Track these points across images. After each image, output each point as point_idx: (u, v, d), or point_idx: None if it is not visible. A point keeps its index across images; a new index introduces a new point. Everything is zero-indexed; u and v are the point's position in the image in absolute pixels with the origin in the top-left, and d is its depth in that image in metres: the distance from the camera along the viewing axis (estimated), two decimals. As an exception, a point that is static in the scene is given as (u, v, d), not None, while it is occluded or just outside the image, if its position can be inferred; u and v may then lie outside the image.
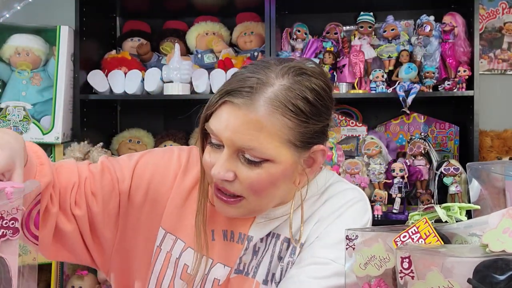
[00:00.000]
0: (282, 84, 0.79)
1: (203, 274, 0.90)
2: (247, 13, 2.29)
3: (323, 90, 0.82)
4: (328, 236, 0.86)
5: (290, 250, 0.88)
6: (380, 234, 0.74)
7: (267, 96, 0.78)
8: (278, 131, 0.78)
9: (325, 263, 0.83)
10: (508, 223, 0.61)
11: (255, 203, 0.84)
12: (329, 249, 0.85)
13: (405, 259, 0.65)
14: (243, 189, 0.81)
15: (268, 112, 0.77)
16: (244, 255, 0.90)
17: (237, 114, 0.78)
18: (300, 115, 0.79)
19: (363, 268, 0.74)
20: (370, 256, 0.73)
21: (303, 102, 0.79)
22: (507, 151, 2.10)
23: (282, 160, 0.80)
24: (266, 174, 0.80)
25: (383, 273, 0.73)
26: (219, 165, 0.80)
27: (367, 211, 0.91)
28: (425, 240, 0.69)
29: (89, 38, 2.19)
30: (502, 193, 0.83)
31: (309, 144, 0.83)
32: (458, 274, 0.60)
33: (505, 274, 0.56)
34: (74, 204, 0.88)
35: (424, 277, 0.62)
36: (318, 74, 0.83)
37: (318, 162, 0.86)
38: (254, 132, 0.77)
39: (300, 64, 0.83)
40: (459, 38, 2.00)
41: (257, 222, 0.90)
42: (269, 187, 0.82)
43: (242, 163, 0.80)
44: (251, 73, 0.80)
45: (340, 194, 0.92)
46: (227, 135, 0.79)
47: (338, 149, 2.09)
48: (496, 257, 0.58)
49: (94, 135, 2.18)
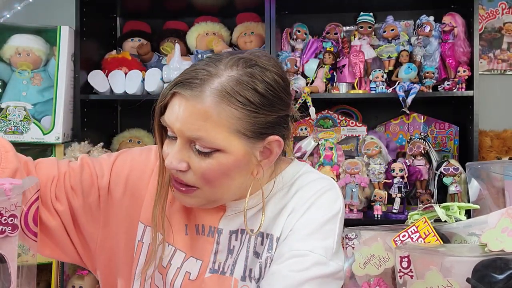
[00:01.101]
0: (230, 75, 0.80)
1: (175, 267, 0.92)
2: (247, 13, 2.29)
3: (274, 81, 0.83)
4: (302, 227, 0.87)
5: (267, 246, 0.89)
6: (380, 233, 0.75)
7: (214, 87, 0.79)
8: (225, 121, 0.79)
9: (303, 255, 0.83)
10: (507, 223, 0.61)
11: (209, 193, 0.85)
12: (305, 240, 0.85)
13: (404, 258, 0.65)
14: (196, 179, 0.83)
15: (214, 102, 0.78)
16: (219, 253, 0.91)
17: (185, 105, 0.79)
18: (249, 106, 0.80)
19: (363, 268, 0.75)
20: (370, 256, 0.74)
21: (251, 92, 0.80)
22: (507, 151, 2.10)
23: (232, 150, 0.81)
24: (218, 164, 0.81)
25: (382, 272, 0.73)
26: (171, 155, 0.82)
27: (337, 199, 0.91)
28: (424, 239, 0.70)
29: (90, 38, 2.19)
30: (502, 193, 0.83)
31: (262, 135, 0.83)
32: (457, 273, 0.60)
33: (504, 273, 0.56)
34: (55, 199, 0.90)
35: (423, 277, 0.63)
36: (271, 66, 0.84)
37: (275, 153, 0.87)
38: (201, 122, 0.79)
39: (251, 56, 0.84)
40: (458, 38, 2.01)
41: (226, 215, 0.92)
42: (221, 177, 0.83)
43: (194, 154, 0.81)
44: (201, 66, 0.82)
45: (310, 184, 0.92)
46: (178, 126, 0.80)
47: (338, 149, 2.09)
48: (495, 257, 0.58)
49: (95, 135, 2.18)
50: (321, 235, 0.85)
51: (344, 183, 1.99)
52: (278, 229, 0.89)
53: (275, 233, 0.89)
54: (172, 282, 0.92)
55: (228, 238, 0.92)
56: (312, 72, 2.07)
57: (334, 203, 0.90)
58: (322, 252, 0.83)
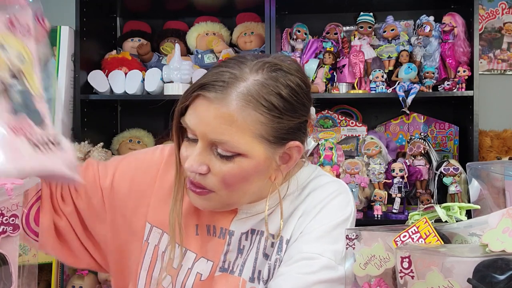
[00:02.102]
0: (255, 80, 0.79)
1: (186, 268, 0.91)
2: (247, 13, 2.29)
3: (298, 86, 0.82)
4: (313, 230, 0.86)
5: (276, 248, 0.88)
6: (380, 233, 0.75)
7: (240, 91, 0.77)
8: (250, 126, 0.78)
9: (312, 258, 0.83)
10: (507, 223, 0.61)
11: (226, 197, 0.84)
12: (314, 243, 0.84)
13: (405, 258, 0.65)
14: (216, 183, 0.82)
15: (239, 106, 0.77)
16: (229, 253, 0.91)
17: (209, 108, 0.78)
18: (273, 111, 0.79)
19: (363, 268, 0.74)
20: (370, 256, 0.74)
21: (276, 97, 0.79)
22: (507, 151, 2.10)
23: (254, 155, 0.80)
24: (239, 169, 0.80)
25: (383, 273, 0.73)
26: (192, 158, 0.81)
27: (349, 203, 0.91)
28: (425, 240, 0.70)
29: (90, 38, 2.19)
30: (502, 193, 0.83)
31: (283, 140, 0.82)
32: (458, 274, 0.60)
33: (505, 274, 0.56)
34: (62, 201, 0.90)
35: (424, 277, 0.63)
36: (294, 71, 0.83)
37: (294, 158, 0.86)
38: (226, 126, 0.77)
39: (275, 60, 0.83)
40: (458, 38, 2.01)
41: (238, 217, 0.91)
42: (241, 182, 0.82)
43: (215, 157, 0.80)
44: (226, 67, 0.80)
45: (322, 188, 0.91)
46: (200, 129, 0.79)
47: (338, 149, 2.09)
48: (496, 257, 0.58)
49: (95, 135, 2.18)
50: (331, 239, 0.85)
51: (344, 183, 1.99)
52: (288, 231, 0.88)
53: (285, 235, 0.88)
54: (184, 283, 0.91)
55: (239, 238, 0.91)
56: (312, 72, 2.07)
57: (345, 207, 0.90)
58: (331, 256, 0.83)
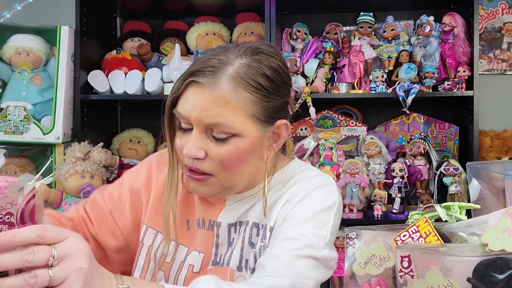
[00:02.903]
0: (241, 63, 0.84)
1: (179, 261, 0.95)
2: (247, 13, 2.29)
3: (280, 67, 0.88)
4: (296, 215, 0.88)
5: (261, 235, 0.91)
6: (380, 233, 0.75)
7: (229, 74, 0.82)
8: (242, 105, 0.83)
9: (295, 238, 0.84)
10: (507, 222, 0.61)
11: (225, 180, 0.87)
12: (298, 227, 0.86)
13: (405, 258, 0.65)
14: (214, 166, 0.85)
15: (231, 87, 0.82)
16: (220, 246, 0.94)
17: (202, 94, 0.82)
18: (261, 90, 0.84)
19: (363, 267, 0.75)
20: (370, 255, 0.74)
21: (263, 78, 0.84)
22: (507, 151, 2.10)
23: (248, 134, 0.84)
24: (235, 149, 0.84)
25: (383, 272, 0.73)
26: (189, 144, 0.84)
27: (333, 194, 0.93)
28: (425, 239, 0.70)
29: (90, 38, 2.19)
30: (502, 193, 0.83)
31: (272, 119, 0.87)
32: (457, 273, 0.60)
33: (504, 273, 0.56)
34: None
35: (423, 276, 0.63)
36: (274, 54, 0.89)
37: (283, 136, 0.91)
38: (220, 109, 0.82)
39: (256, 44, 0.89)
40: (458, 38, 2.01)
41: (225, 209, 0.95)
42: (238, 162, 0.85)
43: (211, 141, 0.84)
44: (212, 55, 0.85)
45: (308, 179, 0.94)
46: (195, 115, 0.83)
47: (338, 149, 2.09)
48: (496, 256, 0.58)
49: (95, 135, 2.18)
50: (315, 223, 0.87)
51: (344, 183, 1.99)
52: (272, 219, 0.91)
53: (268, 223, 0.91)
54: (176, 276, 0.94)
55: (227, 230, 0.94)
56: (312, 72, 2.07)
57: (329, 196, 0.92)
58: (313, 238, 0.85)
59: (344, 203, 2.01)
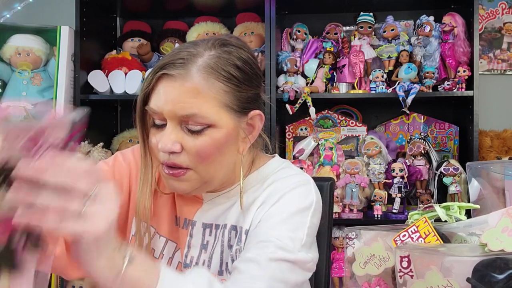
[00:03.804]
0: (211, 54, 0.85)
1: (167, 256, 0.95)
2: (247, 13, 2.29)
3: (249, 58, 0.89)
4: (270, 217, 0.87)
5: (237, 238, 0.90)
6: (380, 233, 0.75)
7: (199, 64, 0.83)
8: (215, 95, 0.83)
9: (269, 241, 0.83)
10: (507, 223, 0.61)
11: (203, 173, 0.86)
12: (272, 229, 0.85)
13: (404, 258, 0.65)
14: (191, 159, 0.84)
15: (202, 78, 0.82)
16: (192, 248, 0.93)
17: (174, 86, 0.82)
18: (232, 80, 0.85)
19: (363, 267, 0.75)
20: (370, 255, 0.74)
21: (233, 68, 0.85)
22: (507, 151, 2.10)
23: (223, 124, 0.84)
24: (211, 140, 0.83)
25: (382, 272, 0.73)
26: (164, 138, 0.83)
27: (310, 194, 0.91)
28: (424, 239, 0.70)
29: (90, 38, 2.19)
30: (502, 193, 0.83)
31: (245, 109, 0.87)
32: (457, 273, 0.60)
33: (504, 273, 0.56)
34: None
35: (423, 276, 0.63)
36: (242, 46, 0.90)
37: (257, 127, 0.91)
38: (193, 100, 0.82)
39: (223, 37, 0.90)
40: (458, 38, 2.01)
41: (202, 209, 0.95)
42: (215, 153, 0.85)
43: (186, 134, 0.83)
44: (181, 49, 0.86)
45: (284, 179, 0.93)
46: (168, 108, 0.82)
47: (338, 149, 2.09)
48: (495, 256, 0.58)
49: (95, 135, 2.17)
50: (289, 226, 0.85)
51: (344, 183, 1.99)
52: (247, 221, 0.90)
53: (244, 226, 0.90)
54: None
55: (202, 232, 0.94)
56: (312, 72, 2.07)
57: (305, 197, 0.90)
58: (288, 242, 0.83)
59: (344, 203, 2.01)
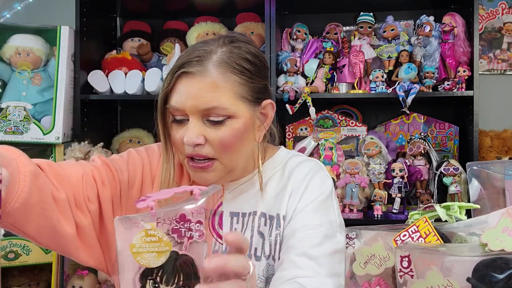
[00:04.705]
0: (223, 51, 0.92)
1: None
2: (247, 13, 2.29)
3: (257, 52, 0.96)
4: (305, 207, 0.96)
5: (275, 224, 0.97)
6: (380, 233, 0.75)
7: (214, 61, 0.90)
8: (232, 87, 0.90)
9: (314, 228, 0.93)
10: (507, 222, 0.61)
11: (227, 161, 0.93)
12: (311, 217, 0.95)
13: (405, 258, 0.65)
14: (215, 149, 0.91)
15: (219, 72, 0.89)
16: None
17: (193, 82, 0.89)
18: (246, 73, 0.92)
19: (363, 267, 0.75)
20: (370, 255, 0.74)
21: (245, 62, 0.92)
22: (507, 151, 2.10)
23: (241, 114, 0.91)
24: (232, 130, 0.90)
25: (383, 272, 0.73)
26: (189, 132, 0.90)
27: (328, 177, 1.02)
28: (425, 239, 0.70)
29: (90, 38, 2.19)
30: (502, 193, 0.83)
31: (259, 99, 0.95)
32: (457, 273, 0.60)
33: (504, 273, 0.56)
34: (88, 200, 0.93)
35: (423, 276, 0.63)
36: (249, 41, 0.98)
37: (270, 116, 0.99)
38: (213, 93, 0.88)
39: (230, 34, 0.98)
40: (458, 38, 2.01)
41: (225, 198, 1.00)
42: (237, 142, 0.92)
43: (208, 127, 0.90)
44: (194, 49, 0.93)
45: (298, 168, 1.02)
46: (190, 103, 0.89)
47: (338, 149, 2.09)
48: (495, 256, 0.58)
49: (95, 135, 2.18)
50: (324, 211, 0.96)
51: (344, 183, 1.99)
52: (283, 208, 0.97)
53: (281, 212, 0.97)
54: None
55: (230, 220, 0.99)
56: (312, 72, 2.07)
57: (325, 181, 1.01)
58: (328, 226, 0.94)
59: (344, 203, 2.01)
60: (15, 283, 2.10)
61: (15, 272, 2.11)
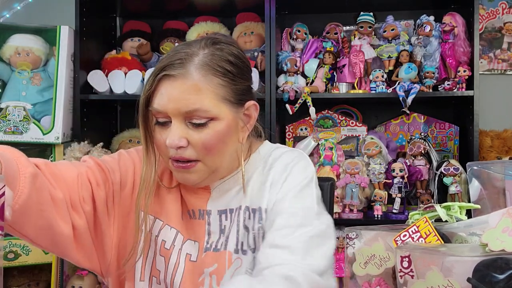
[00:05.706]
0: (205, 53, 0.91)
1: (177, 249, 0.99)
2: (247, 13, 2.29)
3: (239, 53, 0.96)
4: (284, 196, 0.95)
5: (257, 218, 0.97)
6: (380, 233, 0.75)
7: (196, 63, 0.89)
8: (214, 90, 0.90)
9: (290, 215, 0.92)
10: (507, 223, 0.61)
11: (210, 163, 0.93)
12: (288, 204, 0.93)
13: (405, 258, 0.65)
14: (198, 151, 0.91)
15: (201, 75, 0.89)
16: (212, 234, 0.99)
17: (175, 85, 0.89)
18: (228, 75, 0.92)
19: (363, 267, 0.74)
20: (370, 255, 0.74)
21: (227, 63, 0.92)
22: (507, 151, 2.10)
23: (223, 116, 0.91)
24: (214, 132, 0.90)
25: (383, 272, 0.73)
26: (171, 135, 0.90)
27: (308, 166, 1.01)
28: (425, 239, 0.69)
29: (89, 38, 2.19)
30: (502, 193, 0.83)
31: (241, 101, 0.95)
32: (457, 273, 0.60)
33: (504, 273, 0.56)
34: (83, 201, 0.93)
35: (424, 276, 0.63)
36: (232, 42, 0.97)
37: (253, 116, 0.98)
38: (194, 96, 0.88)
39: (213, 36, 0.97)
40: (459, 38, 2.00)
41: (212, 198, 1.01)
42: (219, 144, 0.92)
43: (191, 129, 0.90)
44: (175, 51, 0.92)
45: (280, 159, 1.01)
46: (172, 106, 0.89)
47: (338, 149, 2.09)
48: (496, 256, 0.58)
49: (94, 135, 2.18)
50: (300, 199, 0.95)
51: (344, 183, 1.99)
52: (264, 201, 0.97)
53: (262, 205, 0.97)
54: (176, 265, 0.97)
55: (218, 218, 0.99)
56: (312, 72, 2.07)
57: (305, 171, 0.99)
58: (302, 214, 0.92)
59: (344, 203, 2.01)
60: (15, 283, 2.10)
61: (15, 272, 2.11)
